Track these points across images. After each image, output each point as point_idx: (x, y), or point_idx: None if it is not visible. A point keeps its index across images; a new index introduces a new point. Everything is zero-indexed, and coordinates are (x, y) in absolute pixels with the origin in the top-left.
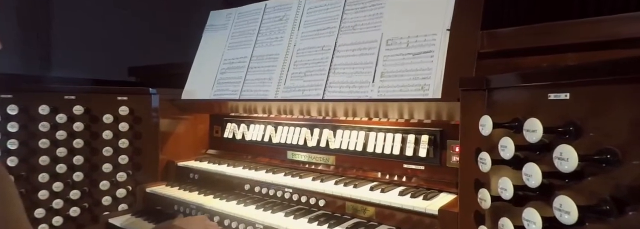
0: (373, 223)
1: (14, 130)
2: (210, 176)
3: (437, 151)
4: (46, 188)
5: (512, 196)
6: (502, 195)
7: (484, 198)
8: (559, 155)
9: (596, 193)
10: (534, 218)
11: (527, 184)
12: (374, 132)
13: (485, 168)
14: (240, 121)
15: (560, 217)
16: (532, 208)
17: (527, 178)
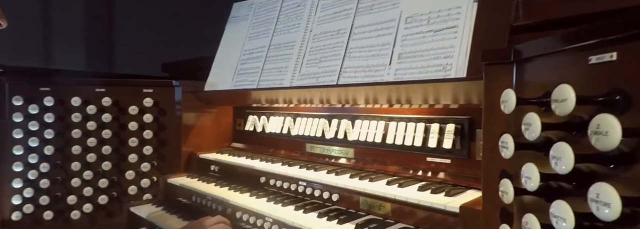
0: (389, 221)
1: (50, 121)
2: (229, 168)
3: (465, 142)
4: (78, 176)
5: (537, 186)
6: (526, 186)
7: (505, 190)
8: (595, 128)
9: None
10: (564, 214)
11: (556, 171)
12: (394, 122)
13: (507, 154)
14: (261, 113)
15: (597, 211)
16: (562, 201)
17: (555, 162)
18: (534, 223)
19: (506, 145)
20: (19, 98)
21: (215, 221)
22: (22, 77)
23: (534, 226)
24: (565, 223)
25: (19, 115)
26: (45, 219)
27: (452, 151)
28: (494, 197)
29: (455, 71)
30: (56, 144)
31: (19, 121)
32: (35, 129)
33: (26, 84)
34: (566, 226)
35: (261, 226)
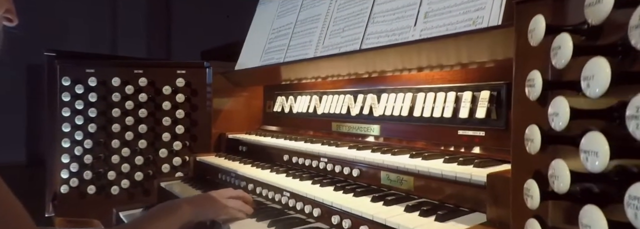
0: (412, 196)
1: (93, 100)
2: (255, 148)
3: (502, 111)
4: (117, 153)
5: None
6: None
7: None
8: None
9: None
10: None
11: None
12: (422, 93)
13: (534, 94)
14: (288, 93)
15: (635, 219)
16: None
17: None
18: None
19: (533, 83)
20: (67, 78)
21: (234, 195)
22: (72, 59)
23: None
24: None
25: (67, 94)
26: (89, 193)
27: (487, 121)
28: (525, 162)
29: (487, 23)
30: (98, 122)
31: (67, 100)
32: (80, 108)
33: (74, 65)
34: None
35: (279, 201)
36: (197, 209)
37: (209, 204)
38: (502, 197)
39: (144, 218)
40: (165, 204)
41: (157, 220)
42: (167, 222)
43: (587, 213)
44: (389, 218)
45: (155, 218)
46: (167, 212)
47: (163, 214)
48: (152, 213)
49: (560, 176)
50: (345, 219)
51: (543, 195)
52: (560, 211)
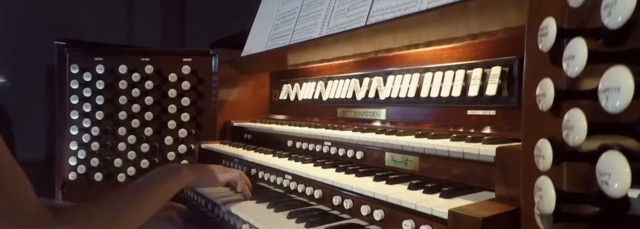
0: (418, 176)
1: (101, 87)
2: (259, 135)
3: (514, 88)
4: (124, 141)
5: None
6: (570, 140)
7: (542, 152)
8: None
9: None
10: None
11: None
12: (429, 73)
13: (546, 45)
14: (294, 81)
15: None
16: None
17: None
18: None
19: (546, 31)
20: (75, 66)
21: (236, 172)
22: (81, 48)
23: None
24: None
25: (75, 82)
26: (96, 180)
27: (498, 99)
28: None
29: None
30: (106, 110)
31: (75, 88)
32: (88, 96)
33: (82, 54)
34: None
35: (281, 184)
36: (198, 174)
37: (210, 172)
38: (512, 172)
39: (146, 179)
40: (167, 166)
41: (159, 182)
42: (168, 184)
43: (605, 159)
44: (391, 194)
45: (157, 180)
46: (169, 174)
47: (164, 177)
48: (154, 174)
49: (575, 127)
50: (346, 200)
51: (556, 154)
52: (575, 175)
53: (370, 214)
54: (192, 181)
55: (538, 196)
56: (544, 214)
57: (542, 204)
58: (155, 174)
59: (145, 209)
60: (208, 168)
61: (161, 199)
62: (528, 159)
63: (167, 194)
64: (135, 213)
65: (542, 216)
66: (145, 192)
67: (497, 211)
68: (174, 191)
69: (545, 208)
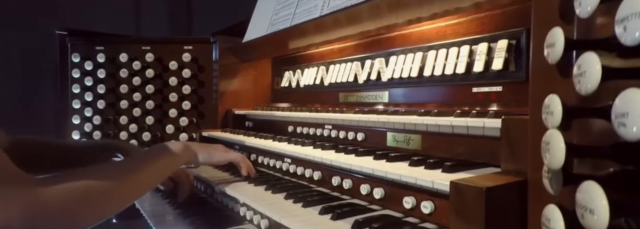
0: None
1: (102, 76)
2: (260, 122)
3: (521, 61)
4: (126, 130)
5: None
6: (582, 88)
7: (550, 108)
8: None
9: None
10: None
11: None
12: (433, 51)
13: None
14: (295, 67)
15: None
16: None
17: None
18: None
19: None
20: (77, 55)
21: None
22: (82, 37)
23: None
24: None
25: (77, 71)
26: None
27: (504, 74)
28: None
29: None
30: (107, 99)
31: (77, 77)
32: (89, 85)
33: (84, 43)
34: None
35: (280, 168)
36: (199, 151)
37: (211, 150)
38: (519, 144)
39: (141, 154)
40: (165, 143)
41: (153, 159)
42: (163, 160)
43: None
44: (390, 170)
45: (151, 156)
46: (165, 150)
47: (160, 153)
48: (149, 150)
49: (588, 72)
50: (345, 180)
51: (566, 110)
52: (587, 135)
53: (370, 193)
54: (192, 158)
55: (546, 153)
56: (553, 175)
57: (551, 160)
58: (151, 150)
59: (137, 184)
60: (209, 146)
61: (157, 176)
62: (536, 127)
63: (164, 171)
64: (124, 188)
65: (551, 180)
66: (137, 167)
67: (502, 182)
68: (172, 168)
69: (554, 164)
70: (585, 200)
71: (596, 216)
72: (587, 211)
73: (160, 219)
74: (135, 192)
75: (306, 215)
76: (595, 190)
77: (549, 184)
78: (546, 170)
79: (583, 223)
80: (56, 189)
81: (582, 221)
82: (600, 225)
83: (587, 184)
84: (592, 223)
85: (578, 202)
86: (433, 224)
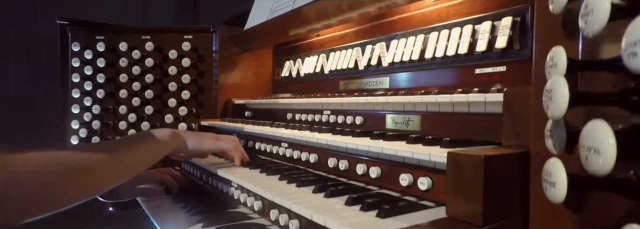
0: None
1: (102, 65)
2: (259, 111)
3: (526, 39)
4: (125, 119)
5: None
6: (587, 29)
7: (554, 60)
8: None
9: None
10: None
11: None
12: (435, 33)
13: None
14: (296, 56)
15: None
16: None
17: None
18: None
19: None
20: (77, 44)
21: (231, 142)
22: (83, 27)
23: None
24: None
25: (76, 60)
26: None
27: (508, 53)
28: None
29: None
30: (107, 89)
31: (77, 66)
32: (89, 74)
33: (85, 33)
34: None
35: (277, 153)
36: (188, 138)
37: (201, 137)
38: (522, 118)
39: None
40: (153, 130)
41: (137, 142)
42: (148, 145)
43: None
44: (386, 146)
45: (135, 140)
46: (150, 136)
47: (144, 138)
48: (135, 134)
49: (595, 10)
50: (341, 161)
51: (570, 62)
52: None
53: (366, 173)
54: (181, 146)
55: (548, 102)
56: (555, 130)
57: (553, 109)
58: (136, 134)
59: (120, 164)
60: (199, 134)
61: (142, 159)
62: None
63: (148, 156)
64: (106, 166)
65: (553, 136)
66: (121, 147)
67: (502, 153)
68: (157, 154)
69: (556, 113)
70: (591, 139)
71: (602, 156)
72: (591, 151)
73: (156, 206)
74: (118, 172)
75: (299, 194)
76: (603, 128)
77: (551, 143)
78: (548, 128)
79: (586, 165)
80: (31, 157)
81: (586, 163)
82: (606, 165)
83: (593, 122)
84: (597, 163)
85: (582, 143)
86: (430, 201)
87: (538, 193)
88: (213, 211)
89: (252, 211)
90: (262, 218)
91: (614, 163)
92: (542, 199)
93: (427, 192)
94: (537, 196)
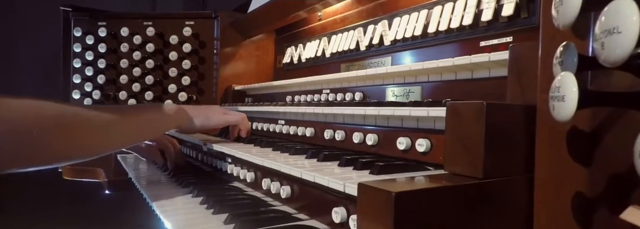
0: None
1: (103, 50)
2: (260, 97)
3: (534, 6)
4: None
5: None
6: None
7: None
8: None
9: None
10: None
11: None
12: (438, 6)
13: None
14: (297, 42)
15: None
16: None
17: None
18: None
19: None
20: (78, 29)
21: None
22: (86, 13)
23: None
24: None
25: (78, 46)
26: None
27: (515, 21)
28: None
29: None
30: (108, 74)
31: (78, 51)
32: (90, 59)
33: (88, 18)
34: None
35: (273, 131)
36: (194, 115)
37: (208, 113)
38: (528, 73)
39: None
40: (167, 102)
41: (140, 110)
42: (151, 114)
43: None
44: (384, 109)
45: (139, 108)
46: (156, 107)
47: (148, 107)
48: (140, 104)
49: None
50: (338, 131)
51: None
52: None
53: (363, 141)
54: (186, 122)
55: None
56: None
57: (564, 12)
58: (143, 105)
59: (119, 128)
60: (207, 108)
61: (143, 127)
62: (547, 56)
63: (151, 125)
64: (104, 128)
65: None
66: (123, 113)
67: (506, 103)
68: (161, 126)
69: (567, 17)
70: (612, 18)
71: (623, 34)
72: (611, 33)
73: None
74: (117, 138)
75: (291, 159)
76: (629, 5)
77: (559, 68)
78: (557, 56)
79: (603, 54)
80: (26, 104)
81: (602, 52)
82: (628, 44)
83: (618, 1)
84: (618, 44)
85: (599, 28)
86: (430, 165)
87: (545, 147)
88: (209, 186)
89: (245, 185)
90: (255, 191)
91: (637, 43)
92: (550, 152)
93: (425, 155)
94: (544, 151)
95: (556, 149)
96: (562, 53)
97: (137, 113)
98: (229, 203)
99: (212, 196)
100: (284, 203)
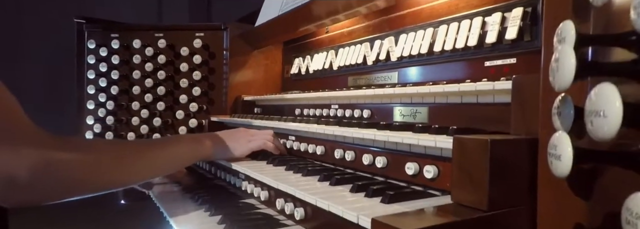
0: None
1: (116, 62)
2: (268, 107)
3: (537, 29)
4: (137, 115)
5: None
6: None
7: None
8: None
9: None
10: None
11: None
12: (444, 26)
13: None
14: (305, 53)
15: None
16: None
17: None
18: None
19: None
20: (92, 41)
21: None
22: (99, 25)
23: None
24: None
25: (92, 57)
26: None
27: (519, 44)
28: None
29: None
30: (120, 85)
31: (92, 63)
32: (104, 70)
33: (100, 30)
34: None
35: (284, 146)
36: (216, 146)
37: (231, 144)
38: (530, 104)
39: (162, 138)
40: (188, 135)
41: (176, 142)
42: (184, 147)
43: None
44: (392, 136)
45: (174, 140)
46: (190, 139)
47: (182, 139)
48: (172, 136)
49: None
50: (348, 151)
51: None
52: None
53: (373, 163)
54: (209, 154)
55: (553, 71)
56: (562, 105)
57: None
58: (174, 136)
59: (152, 164)
60: (230, 136)
61: (174, 161)
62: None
63: (182, 158)
64: (140, 164)
65: (559, 111)
66: (157, 147)
67: (510, 138)
68: (190, 158)
69: (565, 69)
70: (597, 102)
71: (608, 118)
72: (597, 115)
73: (165, 197)
74: (149, 171)
75: (304, 182)
76: (610, 90)
77: (558, 120)
78: (556, 106)
79: (591, 131)
80: (75, 144)
81: (591, 129)
82: (611, 129)
83: (601, 85)
84: (602, 127)
85: (588, 109)
86: (436, 190)
87: (547, 180)
88: (220, 200)
89: (258, 201)
90: (268, 209)
91: (619, 127)
92: (551, 186)
93: (433, 181)
94: (546, 183)
95: (557, 183)
96: (560, 105)
97: (174, 144)
98: (246, 224)
99: (229, 214)
100: (298, 223)
